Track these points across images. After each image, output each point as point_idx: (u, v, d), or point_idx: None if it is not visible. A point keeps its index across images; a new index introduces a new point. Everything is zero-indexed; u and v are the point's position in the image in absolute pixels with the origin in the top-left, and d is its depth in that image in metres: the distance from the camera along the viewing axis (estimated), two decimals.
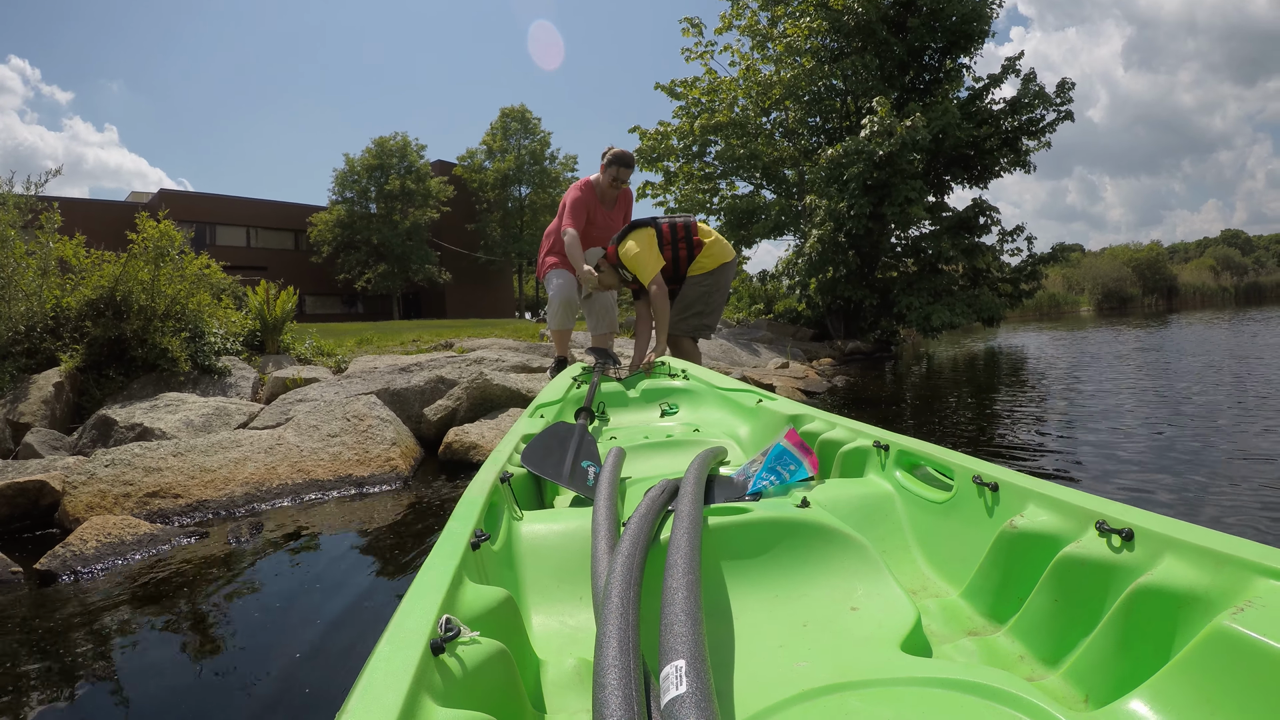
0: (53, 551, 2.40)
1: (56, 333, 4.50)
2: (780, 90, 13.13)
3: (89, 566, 2.37)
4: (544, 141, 35.33)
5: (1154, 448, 3.78)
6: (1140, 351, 10.13)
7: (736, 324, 15.09)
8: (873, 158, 10.98)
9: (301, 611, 1.95)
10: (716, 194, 14.62)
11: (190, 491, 3.09)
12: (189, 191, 33.58)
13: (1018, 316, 46.20)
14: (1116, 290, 56.90)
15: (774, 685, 0.76)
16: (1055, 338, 15.75)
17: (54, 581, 2.28)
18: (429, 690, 0.58)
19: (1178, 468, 3.29)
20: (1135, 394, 5.85)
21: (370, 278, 30.34)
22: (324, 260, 31.12)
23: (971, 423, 4.99)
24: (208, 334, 5.35)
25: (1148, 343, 11.80)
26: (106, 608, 2.04)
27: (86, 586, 2.23)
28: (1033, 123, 12.87)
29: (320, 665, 1.63)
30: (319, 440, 3.67)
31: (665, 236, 3.73)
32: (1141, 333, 14.96)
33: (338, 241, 30.50)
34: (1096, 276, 58.20)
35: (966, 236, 12.89)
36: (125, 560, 2.44)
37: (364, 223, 30.65)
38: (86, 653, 1.77)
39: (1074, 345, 12.72)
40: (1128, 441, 3.95)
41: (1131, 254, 61.97)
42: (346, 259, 30.76)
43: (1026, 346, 13.27)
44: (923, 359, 11.79)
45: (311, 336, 6.73)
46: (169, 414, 3.98)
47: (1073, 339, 14.70)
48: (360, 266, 30.71)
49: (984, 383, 7.49)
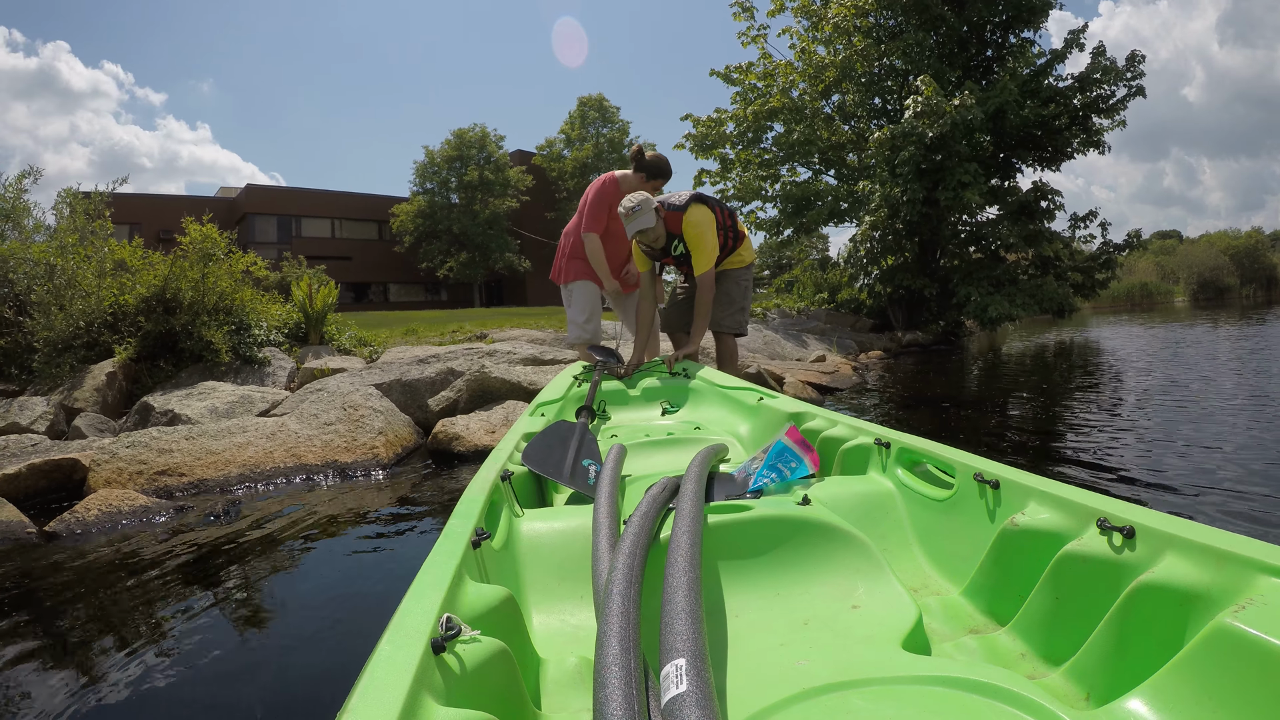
0: (60, 517, 2.86)
1: (115, 327, 5.12)
2: (834, 72, 12.81)
3: (87, 530, 2.80)
4: (623, 130, 35.61)
5: (1253, 472, 3.05)
6: (1237, 350, 9.09)
7: (797, 314, 14.93)
8: (923, 140, 10.57)
9: (245, 570, 2.31)
10: (778, 180, 14.43)
11: (194, 471, 3.52)
12: (274, 186, 35.95)
13: (1107, 307, 42.90)
14: (1213, 280, 52.51)
15: (775, 684, 0.76)
16: (1143, 331, 14.66)
17: (56, 540, 2.73)
18: (430, 689, 0.58)
19: None
20: (1228, 399, 5.08)
21: (452, 266, 31.58)
22: (407, 250, 32.64)
23: (995, 433, 4.52)
24: (252, 327, 5.91)
25: (1246, 340, 10.77)
26: (92, 563, 2.44)
27: (82, 546, 2.65)
28: (1103, 99, 12.01)
29: (238, 617, 1.95)
30: (316, 428, 4.06)
31: (720, 221, 3.46)
32: (1235, 330, 13.71)
33: (419, 231, 31.90)
34: (1192, 265, 53.98)
35: (1029, 222, 12.23)
36: (118, 527, 2.86)
37: (444, 213, 31.89)
38: (66, 595, 2.17)
39: (1162, 339, 11.74)
40: (1217, 463, 3.23)
41: (1230, 241, 56.77)
42: (428, 248, 32.14)
43: (1109, 340, 12.42)
44: (989, 354, 11.23)
45: (351, 328, 7.25)
46: (198, 401, 4.48)
47: (1162, 333, 13.63)
48: (442, 255, 32.00)
49: (1044, 384, 6.94)
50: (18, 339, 4.93)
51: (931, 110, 10.31)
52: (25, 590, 2.24)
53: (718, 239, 3.40)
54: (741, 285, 3.72)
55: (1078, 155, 12.34)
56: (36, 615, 2.05)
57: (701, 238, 3.31)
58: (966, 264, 12.57)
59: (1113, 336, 13.34)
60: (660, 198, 3.45)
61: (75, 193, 5.68)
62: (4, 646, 1.82)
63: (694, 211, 3.32)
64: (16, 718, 1.48)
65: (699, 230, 3.30)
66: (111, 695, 1.56)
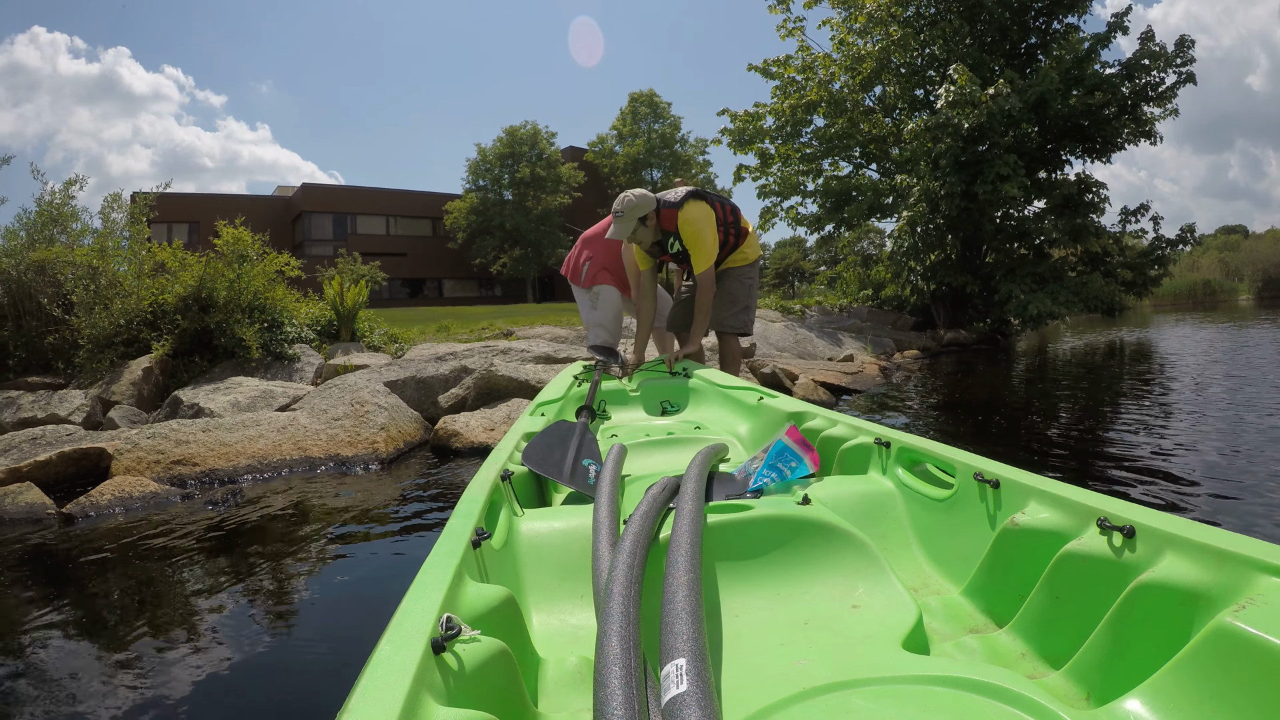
0: (76, 500, 3.15)
1: (154, 325, 5.52)
2: (871, 63, 12.54)
3: (100, 512, 3.08)
4: (674, 125, 35.60)
5: None
6: None
7: (839, 311, 14.70)
8: (960, 131, 10.24)
9: (235, 558, 2.53)
10: (820, 175, 14.22)
11: (206, 461, 3.79)
12: (329, 185, 37.26)
13: (1169, 305, 40.25)
14: (1279, 277, 49.29)
15: (775, 683, 0.76)
16: (1203, 331, 13.86)
17: (72, 522, 3.01)
18: (430, 689, 0.58)
19: None
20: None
21: (505, 262, 32.19)
22: (460, 246, 33.44)
23: (999, 440, 4.30)
24: (285, 325, 6.24)
25: None
26: (101, 541, 2.71)
27: (95, 527, 2.93)
28: (1152, 87, 11.41)
29: (226, 595, 2.14)
30: (324, 422, 4.30)
31: (720, 218, 3.38)
32: None
33: (472, 228, 32.60)
34: (1257, 261, 50.66)
35: (1074, 216, 11.70)
36: (128, 510, 3.13)
37: (497, 209, 32.51)
38: (69, 571, 2.44)
39: (1225, 340, 11.03)
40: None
41: None
42: (481, 244, 32.82)
43: (1165, 340, 11.77)
44: (1032, 354, 10.79)
45: (381, 325, 7.55)
46: (222, 396, 4.79)
47: (1223, 333, 12.84)
48: (495, 251, 32.62)
49: (1078, 388, 6.59)
50: (65, 336, 5.38)
51: (965, 100, 9.98)
52: (34, 562, 2.54)
53: (718, 236, 3.33)
54: (745, 284, 3.65)
55: (1128, 146, 11.77)
56: (45, 585, 2.30)
57: (699, 235, 3.23)
58: (1010, 260, 12.15)
59: (1169, 336, 12.66)
60: (658, 194, 3.40)
61: (120, 198, 6.11)
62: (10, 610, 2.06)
63: (690, 208, 3.24)
64: None
65: (695, 228, 3.23)
66: (96, 684, 1.64)
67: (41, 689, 1.63)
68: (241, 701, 1.54)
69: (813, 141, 13.80)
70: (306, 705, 1.53)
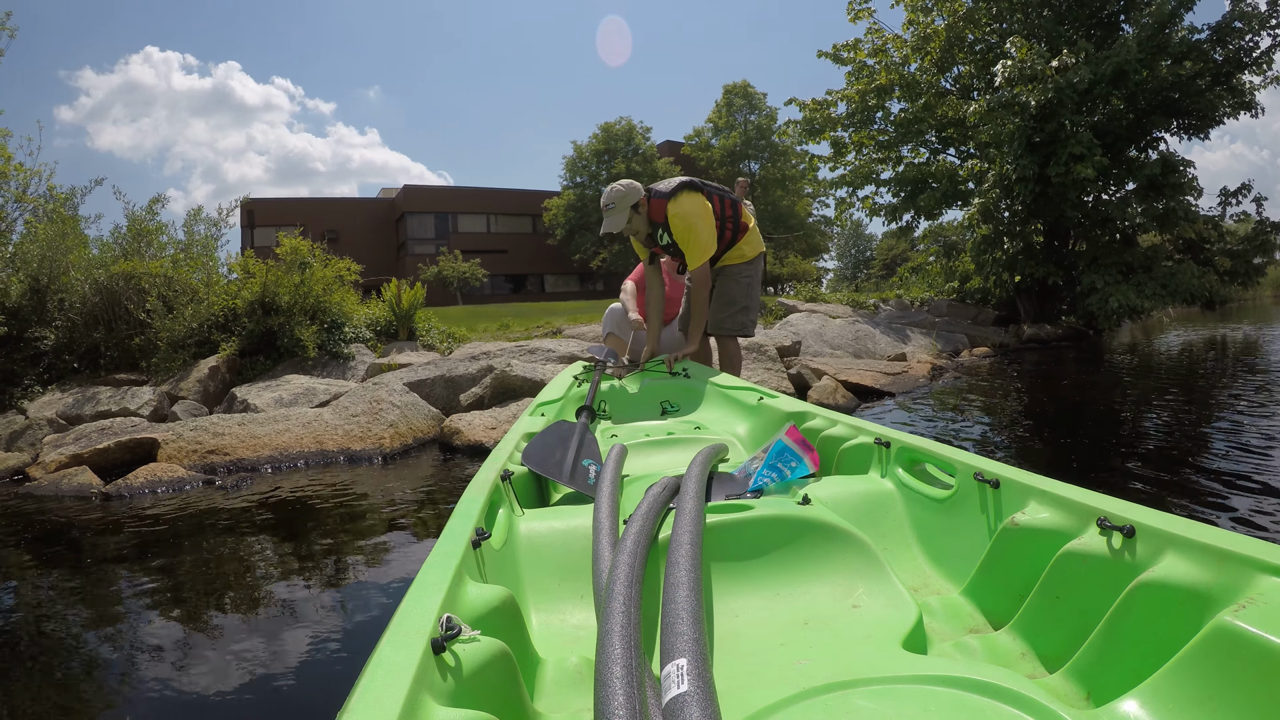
0: (115, 482, 3.74)
1: (226, 328, 6.27)
2: (940, 41, 11.89)
3: (132, 493, 3.66)
4: (770, 116, 35.08)
5: None
6: None
7: (917, 305, 14.11)
8: (1027, 109, 9.52)
9: (241, 529, 2.96)
10: (900, 162, 13.68)
11: (236, 451, 4.35)
12: (430, 186, 39.57)
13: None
14: None
15: (775, 683, 0.76)
16: None
17: (110, 500, 3.60)
18: (430, 689, 0.59)
19: None
20: None
21: (605, 257, 32.97)
22: (559, 242, 34.52)
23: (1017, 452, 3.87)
24: (344, 325, 6.88)
25: None
26: (129, 517, 3.27)
27: (128, 505, 3.50)
28: (1246, 52, 10.18)
29: (215, 570, 2.56)
30: (344, 418, 4.79)
31: (717, 211, 3.25)
32: None
33: (570, 224, 33.57)
34: None
35: (1157, 199, 10.66)
36: (154, 493, 3.69)
37: (594, 205, 33.30)
38: (105, 535, 2.98)
39: None
40: None
41: None
42: (580, 240, 33.74)
43: None
44: (1123, 353, 9.87)
45: (436, 324, 8.11)
46: (268, 393, 5.40)
47: None
48: (594, 247, 33.45)
49: (1150, 395, 5.88)
50: (148, 337, 6.22)
51: (1026, 75, 9.25)
52: (60, 533, 3.11)
53: (714, 231, 3.18)
54: (743, 283, 3.50)
55: (1228, 119, 10.58)
56: (57, 550, 2.84)
57: (691, 230, 3.10)
58: (1095, 249, 11.24)
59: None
60: (652, 185, 3.33)
61: (202, 212, 6.98)
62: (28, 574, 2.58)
63: (682, 200, 3.11)
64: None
65: (687, 222, 3.10)
66: (96, 665, 1.78)
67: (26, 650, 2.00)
68: (242, 701, 1.56)
69: (887, 128, 13.31)
70: (307, 705, 1.55)
